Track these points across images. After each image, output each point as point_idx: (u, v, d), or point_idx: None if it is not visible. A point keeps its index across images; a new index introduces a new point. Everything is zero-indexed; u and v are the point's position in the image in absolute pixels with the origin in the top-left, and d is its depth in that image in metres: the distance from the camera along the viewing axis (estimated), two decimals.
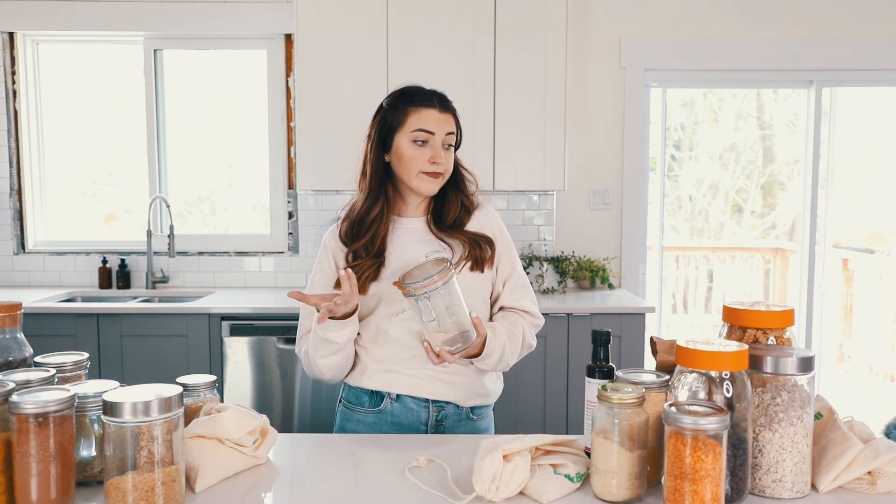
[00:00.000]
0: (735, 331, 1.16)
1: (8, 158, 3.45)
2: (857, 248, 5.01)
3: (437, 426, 1.55)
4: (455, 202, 1.58)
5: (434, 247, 1.55)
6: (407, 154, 1.51)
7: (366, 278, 1.50)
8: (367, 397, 1.55)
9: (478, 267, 1.54)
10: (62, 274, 3.50)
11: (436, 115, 1.51)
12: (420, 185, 1.52)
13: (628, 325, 2.87)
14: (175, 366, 2.84)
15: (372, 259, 1.51)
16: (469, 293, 1.52)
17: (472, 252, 1.54)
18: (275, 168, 3.51)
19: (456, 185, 1.59)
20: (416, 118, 1.51)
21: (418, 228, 1.57)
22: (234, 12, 3.36)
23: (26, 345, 1.26)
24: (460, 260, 1.53)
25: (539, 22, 3.00)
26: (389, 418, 1.54)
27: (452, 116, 1.55)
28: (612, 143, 3.47)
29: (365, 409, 1.55)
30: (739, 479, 1.05)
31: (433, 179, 1.51)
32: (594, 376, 1.19)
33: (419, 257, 1.53)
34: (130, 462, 1.00)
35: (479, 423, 1.61)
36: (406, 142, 1.51)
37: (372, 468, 1.24)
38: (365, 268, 1.50)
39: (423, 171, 1.50)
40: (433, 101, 1.52)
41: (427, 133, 1.50)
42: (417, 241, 1.55)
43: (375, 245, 1.52)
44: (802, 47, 3.42)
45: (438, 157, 1.50)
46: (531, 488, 1.09)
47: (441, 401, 1.54)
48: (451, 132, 1.53)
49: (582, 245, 3.48)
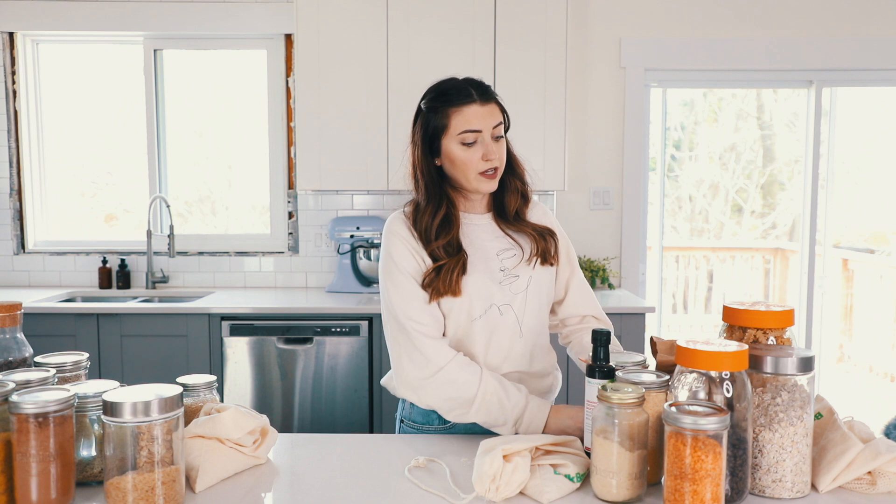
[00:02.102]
0: (735, 331, 1.16)
1: (8, 158, 3.45)
2: (857, 248, 5.01)
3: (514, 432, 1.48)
4: (514, 191, 1.52)
5: (503, 244, 1.50)
6: (459, 158, 1.43)
7: (457, 279, 1.42)
8: (437, 415, 1.47)
9: (547, 261, 1.51)
10: (62, 274, 3.50)
11: (478, 111, 1.42)
12: (479, 186, 1.46)
13: (628, 325, 2.86)
14: (175, 366, 2.84)
15: (454, 258, 1.43)
16: (545, 288, 1.51)
17: (539, 246, 1.50)
18: (275, 168, 3.51)
19: (512, 171, 1.53)
20: (460, 119, 1.42)
21: (485, 224, 1.53)
22: (234, 12, 3.36)
23: (26, 345, 1.26)
24: (532, 256, 1.49)
25: (539, 21, 3.00)
26: (462, 428, 1.47)
27: (496, 105, 1.46)
28: (612, 143, 3.47)
29: (436, 426, 1.48)
30: (739, 479, 1.05)
31: (491, 179, 1.45)
32: (594, 376, 1.19)
33: (490, 253, 1.48)
34: (130, 462, 1.00)
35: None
36: (454, 145, 1.43)
37: (372, 468, 1.24)
38: (451, 266, 1.42)
39: (479, 171, 1.43)
40: (472, 96, 1.43)
41: (474, 133, 1.42)
42: (487, 239, 1.50)
43: (454, 245, 1.45)
44: (802, 47, 3.42)
45: (491, 154, 1.43)
46: (531, 488, 1.09)
47: None
48: (498, 123, 1.44)
49: (582, 245, 3.48)
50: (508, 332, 1.47)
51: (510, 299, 1.47)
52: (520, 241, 1.51)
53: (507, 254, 1.50)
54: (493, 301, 1.45)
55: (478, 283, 1.44)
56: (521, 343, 1.49)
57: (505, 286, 1.47)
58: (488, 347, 1.46)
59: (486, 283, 1.45)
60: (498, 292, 1.46)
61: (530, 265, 1.49)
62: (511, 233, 1.52)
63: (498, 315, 1.46)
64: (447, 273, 1.42)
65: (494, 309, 1.45)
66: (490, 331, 1.46)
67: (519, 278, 1.48)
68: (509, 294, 1.47)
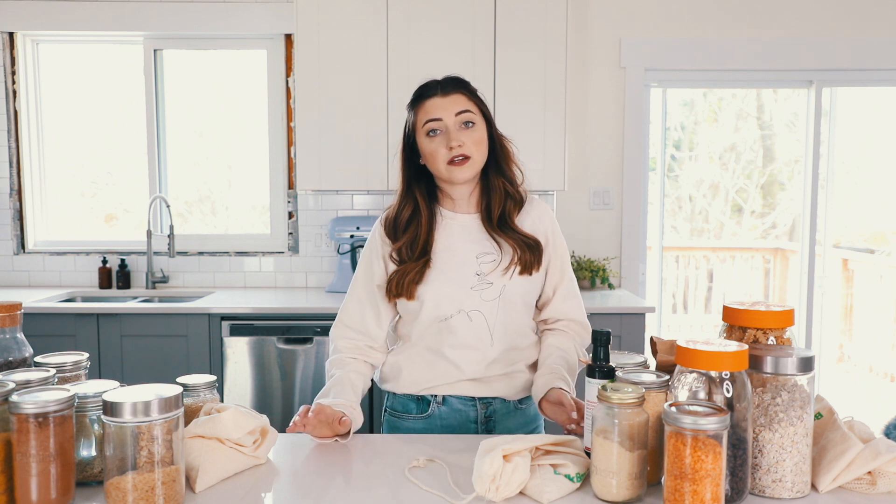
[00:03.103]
0: (735, 331, 1.15)
1: (8, 158, 3.45)
2: (857, 248, 5.01)
3: (487, 422, 1.53)
4: (498, 190, 1.51)
5: (486, 247, 1.50)
6: (427, 150, 1.48)
7: (410, 282, 1.46)
8: (414, 404, 1.54)
9: (526, 271, 1.49)
10: (62, 274, 3.50)
11: (438, 101, 1.47)
12: (451, 175, 1.46)
13: (628, 325, 2.86)
14: (175, 366, 2.84)
15: (415, 262, 1.47)
16: (518, 298, 1.50)
17: (521, 256, 1.48)
18: (275, 168, 3.51)
19: (499, 169, 1.53)
20: (422, 112, 1.49)
21: (470, 225, 1.53)
22: (234, 12, 3.36)
23: (26, 345, 1.25)
24: (510, 264, 1.48)
25: (539, 22, 3.00)
26: (438, 422, 1.52)
27: (462, 95, 1.48)
28: (612, 143, 3.47)
29: (413, 415, 1.54)
30: (739, 479, 1.05)
31: (460, 166, 1.45)
32: (594, 376, 1.19)
33: (469, 256, 1.49)
34: (130, 462, 1.00)
35: (529, 410, 1.59)
36: (423, 139, 1.49)
37: (372, 468, 1.24)
38: (409, 271, 1.47)
39: (447, 160, 1.45)
40: (435, 90, 1.48)
41: (434, 122, 1.46)
42: (468, 240, 1.51)
43: (418, 245, 1.48)
44: (802, 47, 3.42)
45: (453, 140, 1.44)
46: (531, 488, 1.09)
47: (488, 397, 1.52)
48: (462, 111, 1.46)
49: (582, 245, 3.48)
50: (478, 339, 1.48)
51: (480, 305, 1.47)
52: (503, 247, 1.50)
53: (487, 258, 1.49)
54: (462, 307, 1.47)
55: (443, 289, 1.47)
56: (493, 350, 1.49)
57: (476, 292, 1.47)
58: (457, 351, 1.48)
59: (453, 289, 1.47)
60: (467, 298, 1.47)
61: (506, 274, 1.48)
62: (496, 236, 1.51)
63: (467, 321, 1.47)
64: (402, 277, 1.47)
65: (464, 315, 1.47)
66: (459, 335, 1.47)
67: (492, 286, 1.48)
68: (479, 300, 1.47)
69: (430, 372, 1.51)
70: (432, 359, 1.51)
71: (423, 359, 1.52)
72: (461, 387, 1.51)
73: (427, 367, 1.52)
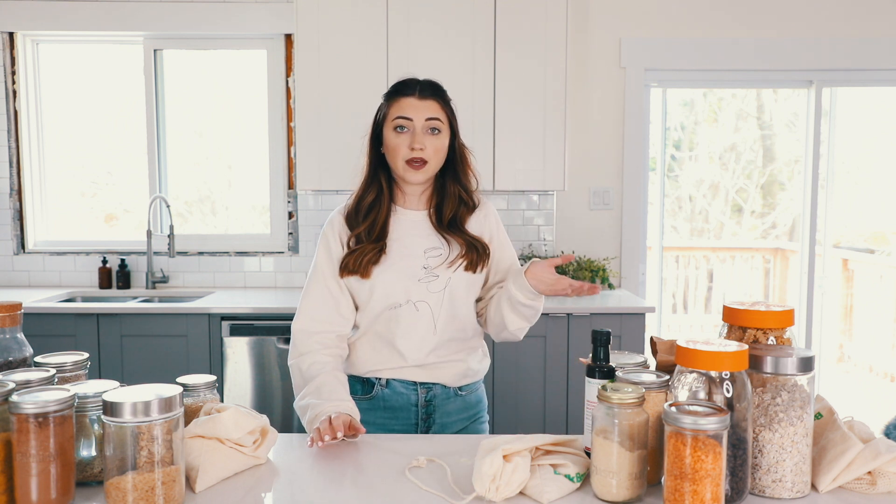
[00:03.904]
0: (735, 331, 1.16)
1: (8, 158, 3.45)
2: (857, 248, 5.01)
3: (427, 406, 1.60)
4: (452, 196, 1.60)
5: (434, 242, 1.59)
6: (391, 143, 1.55)
7: (368, 261, 1.54)
8: (360, 385, 1.61)
9: (471, 268, 1.58)
10: (62, 274, 3.50)
11: (413, 103, 1.54)
12: (405, 174, 1.55)
13: (628, 325, 2.86)
14: (175, 366, 2.84)
15: (373, 244, 1.55)
16: (462, 291, 1.58)
17: (468, 254, 1.58)
18: (275, 168, 3.51)
19: (456, 176, 1.61)
20: (396, 107, 1.55)
21: (420, 221, 1.61)
22: (234, 12, 3.36)
23: (26, 345, 1.25)
24: (456, 258, 1.57)
25: (539, 22, 3.00)
26: (381, 403, 1.60)
27: (436, 103, 1.56)
28: (612, 143, 3.47)
29: (358, 396, 1.60)
30: (739, 479, 1.05)
31: (416, 169, 1.54)
32: (594, 376, 1.19)
33: (418, 250, 1.57)
34: (130, 462, 1.00)
35: (469, 398, 1.66)
36: (389, 131, 1.56)
37: (372, 468, 1.24)
38: (367, 251, 1.54)
39: (405, 158, 1.53)
40: (413, 90, 1.55)
41: (404, 119, 1.53)
42: (418, 235, 1.60)
43: (375, 231, 1.56)
44: (802, 47, 3.42)
45: (417, 143, 1.52)
46: (531, 488, 1.09)
47: (429, 383, 1.60)
48: (432, 117, 1.54)
49: (582, 245, 3.48)
50: (422, 328, 1.56)
51: (426, 296, 1.55)
52: (450, 242, 1.59)
53: (434, 252, 1.58)
54: (410, 297, 1.55)
55: (392, 279, 1.55)
56: (436, 339, 1.57)
57: (423, 283, 1.55)
58: (403, 339, 1.56)
59: (402, 280, 1.54)
60: (415, 289, 1.55)
61: (451, 268, 1.56)
62: (444, 233, 1.59)
63: (414, 310, 1.55)
64: (361, 255, 1.54)
65: (411, 305, 1.55)
66: (405, 324, 1.55)
67: (438, 278, 1.56)
68: (426, 292, 1.55)
69: (377, 355, 1.59)
70: (379, 345, 1.59)
71: (371, 344, 1.60)
72: (405, 372, 1.59)
73: (374, 352, 1.59)
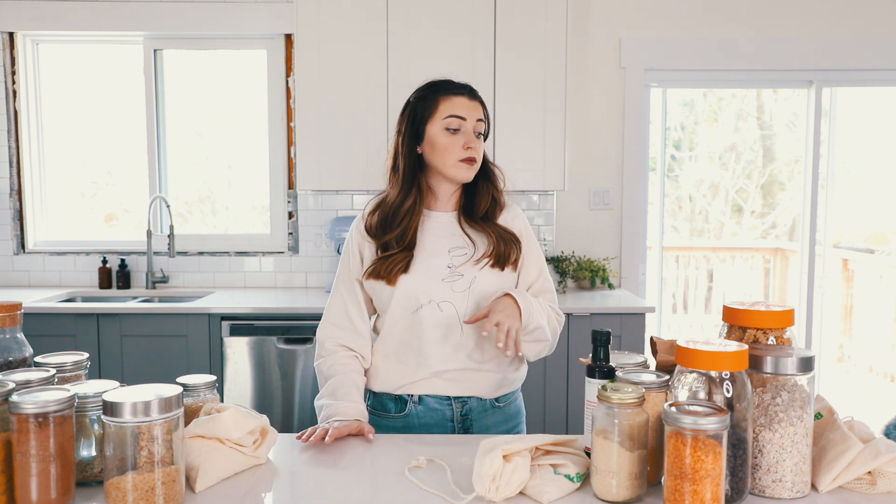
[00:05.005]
0: (735, 331, 1.16)
1: (8, 158, 3.44)
2: (857, 248, 5.01)
3: (464, 420, 1.55)
4: (486, 193, 1.58)
5: (458, 242, 1.55)
6: (441, 142, 1.51)
7: (397, 271, 1.50)
8: (392, 403, 1.56)
9: (499, 265, 1.53)
10: (62, 274, 3.50)
11: (466, 102, 1.53)
12: (457, 173, 1.52)
13: (628, 325, 2.86)
14: (175, 366, 2.84)
15: (403, 252, 1.51)
16: (487, 291, 1.52)
17: (496, 248, 1.53)
18: (275, 168, 3.51)
19: (487, 176, 1.59)
20: (448, 105, 1.52)
21: (447, 222, 1.58)
22: (234, 12, 3.36)
23: (26, 345, 1.25)
24: (483, 256, 1.53)
25: (539, 22, 3.00)
26: (416, 421, 1.55)
27: (481, 105, 1.57)
28: (612, 143, 3.47)
29: (392, 415, 1.56)
30: (739, 479, 1.05)
31: (469, 166, 1.52)
32: (594, 376, 1.19)
33: (442, 249, 1.53)
34: (130, 462, 1.00)
35: (508, 409, 1.61)
36: (438, 129, 1.51)
37: (372, 468, 1.24)
38: (398, 260, 1.51)
39: (460, 158, 1.51)
40: (463, 90, 1.55)
41: (459, 119, 1.51)
42: (443, 236, 1.56)
43: (407, 237, 1.52)
44: (802, 47, 3.42)
45: (472, 143, 1.52)
46: (531, 488, 1.09)
47: (463, 396, 1.54)
48: (481, 119, 1.55)
49: (582, 245, 3.48)
50: (448, 329, 1.51)
51: (450, 296, 1.51)
52: (476, 241, 1.55)
53: (459, 251, 1.54)
54: (432, 297, 1.50)
55: (416, 281, 1.50)
56: (463, 340, 1.52)
57: (447, 283, 1.51)
58: (429, 343, 1.51)
59: (424, 281, 1.50)
60: (437, 289, 1.51)
61: (477, 265, 1.52)
62: (470, 231, 1.56)
63: (437, 311, 1.51)
64: (392, 264, 1.50)
65: (434, 305, 1.50)
66: (429, 326, 1.50)
67: (462, 277, 1.52)
68: (450, 292, 1.51)
69: (402, 366, 1.54)
70: (403, 352, 1.54)
71: (395, 353, 1.55)
72: (436, 385, 1.53)
73: (400, 364, 1.54)
